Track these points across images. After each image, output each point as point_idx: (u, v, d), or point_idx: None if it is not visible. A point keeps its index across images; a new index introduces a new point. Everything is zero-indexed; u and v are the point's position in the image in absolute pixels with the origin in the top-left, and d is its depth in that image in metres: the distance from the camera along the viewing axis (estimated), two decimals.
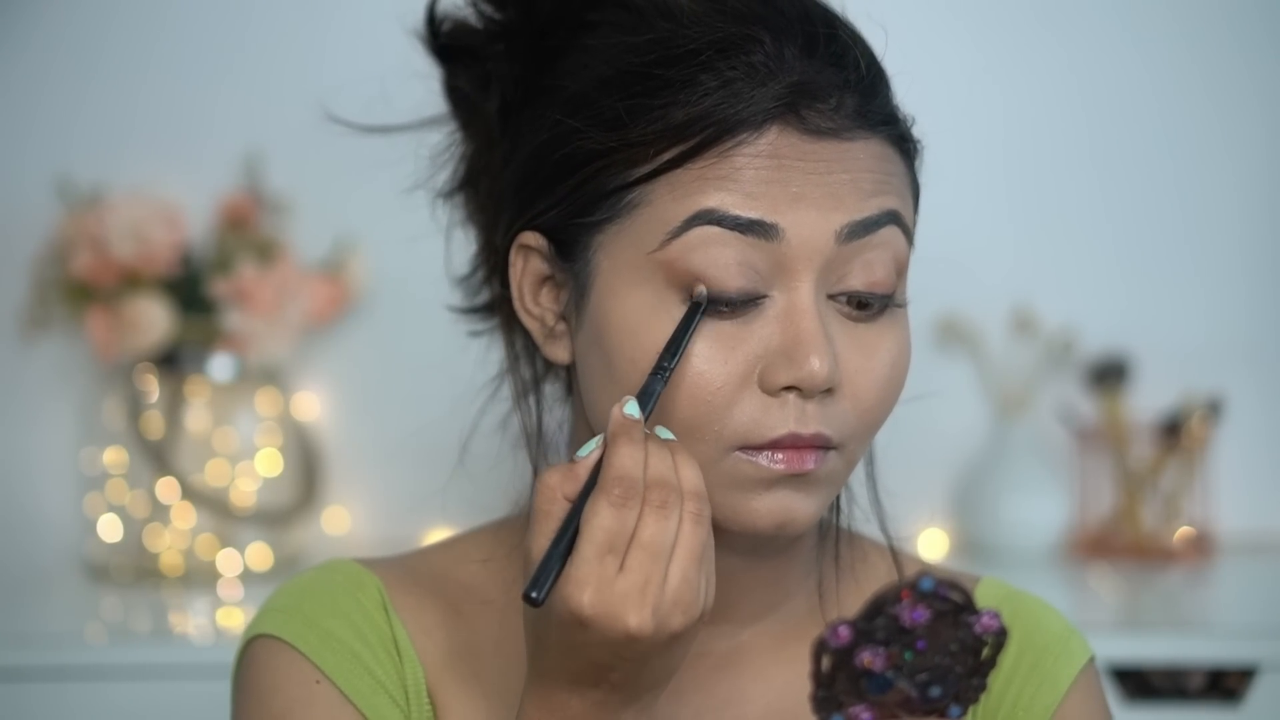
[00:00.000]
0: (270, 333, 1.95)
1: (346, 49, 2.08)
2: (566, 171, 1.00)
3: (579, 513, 0.91)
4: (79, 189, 1.97)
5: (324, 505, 2.07)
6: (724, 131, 0.96)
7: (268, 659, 1.04)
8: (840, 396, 0.97)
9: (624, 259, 0.98)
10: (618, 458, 0.91)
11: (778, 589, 1.07)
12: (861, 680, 0.80)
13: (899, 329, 1.00)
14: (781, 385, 0.96)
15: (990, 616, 0.81)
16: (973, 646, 0.81)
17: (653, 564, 0.90)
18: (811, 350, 0.95)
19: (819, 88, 0.97)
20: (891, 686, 0.80)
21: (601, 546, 0.89)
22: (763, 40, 0.97)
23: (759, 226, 0.96)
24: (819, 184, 0.96)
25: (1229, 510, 2.15)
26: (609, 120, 0.98)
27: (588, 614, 0.89)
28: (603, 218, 0.99)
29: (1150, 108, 2.18)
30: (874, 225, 0.97)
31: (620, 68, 0.99)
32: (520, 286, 1.04)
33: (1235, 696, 1.70)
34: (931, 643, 0.80)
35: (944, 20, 2.15)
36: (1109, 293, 2.18)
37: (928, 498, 2.12)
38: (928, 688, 0.80)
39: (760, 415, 0.96)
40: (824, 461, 0.97)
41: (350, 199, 2.04)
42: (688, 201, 0.96)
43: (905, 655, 0.80)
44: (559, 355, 1.04)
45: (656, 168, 0.97)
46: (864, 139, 0.98)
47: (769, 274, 0.96)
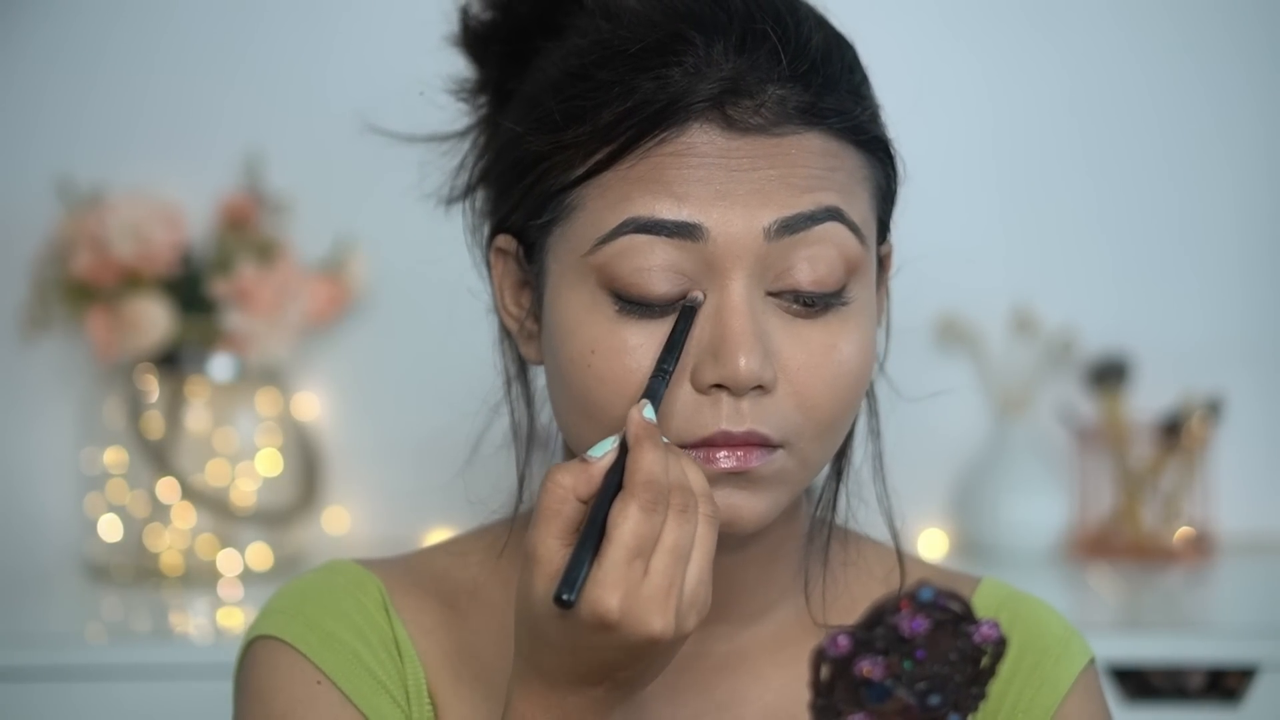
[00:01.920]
0: (270, 333, 1.95)
1: (347, 49, 2.08)
2: (519, 174, 1.01)
3: (603, 514, 0.91)
4: (79, 189, 1.97)
5: (324, 505, 2.07)
6: (647, 129, 0.96)
7: (269, 660, 1.04)
8: (780, 394, 0.97)
9: (565, 261, 0.99)
10: (645, 462, 0.91)
11: (771, 589, 1.07)
12: (860, 689, 0.80)
13: (853, 326, 0.99)
14: (710, 383, 0.96)
15: (989, 626, 0.81)
16: (972, 655, 0.81)
17: (676, 567, 0.90)
18: (738, 348, 0.95)
19: (749, 85, 0.97)
20: (890, 695, 0.80)
21: (631, 551, 0.89)
22: (694, 40, 0.97)
23: (684, 228, 0.96)
24: (744, 181, 0.96)
25: (1229, 510, 2.15)
26: (548, 123, 0.99)
27: (616, 618, 0.89)
28: (548, 219, 1.00)
29: (1150, 108, 2.18)
30: (808, 221, 0.97)
31: (563, 70, 1.01)
32: (501, 289, 1.06)
33: (1235, 696, 1.70)
34: (931, 652, 0.80)
35: (944, 21, 2.15)
36: (1109, 293, 2.18)
37: (928, 498, 2.12)
38: (927, 696, 0.80)
39: (692, 414, 0.97)
40: (769, 460, 0.97)
41: (350, 199, 2.04)
42: (617, 208, 0.97)
43: (904, 664, 0.80)
44: (532, 355, 1.06)
45: (587, 169, 0.98)
46: (799, 134, 0.97)
47: (699, 274, 0.97)
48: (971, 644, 0.81)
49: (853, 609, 1.08)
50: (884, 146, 1.02)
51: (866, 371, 1.00)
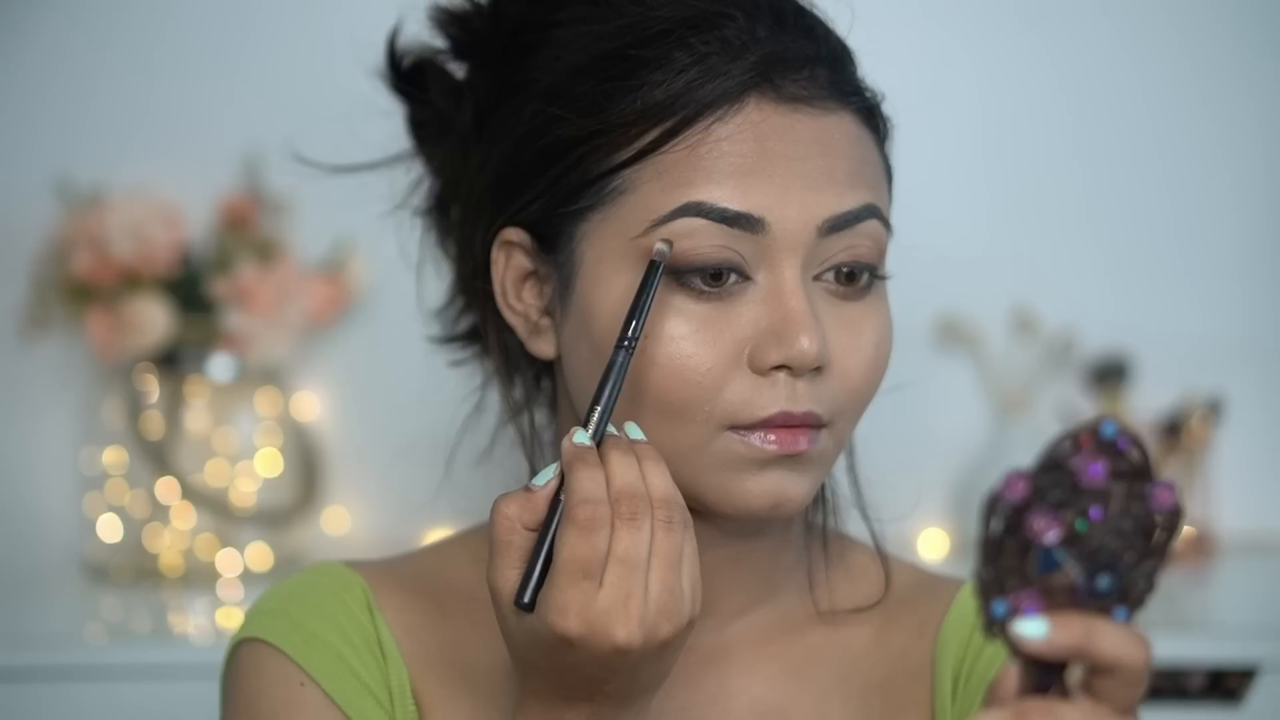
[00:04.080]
0: (270, 333, 1.95)
1: (347, 49, 2.08)
2: (547, 161, 1.01)
3: (547, 539, 0.92)
4: (79, 189, 1.97)
5: (324, 505, 2.07)
6: (703, 106, 0.97)
7: (254, 662, 1.04)
8: (829, 375, 0.98)
9: (609, 246, 0.99)
10: (577, 482, 0.92)
11: (765, 583, 1.07)
12: (1029, 554, 0.75)
13: (883, 308, 1.02)
14: (772, 364, 0.97)
15: (1168, 490, 0.76)
16: (1145, 526, 0.76)
17: (631, 576, 0.90)
18: (801, 329, 0.96)
19: (792, 57, 0.99)
20: (1059, 567, 0.75)
21: (576, 574, 0.90)
22: (734, 16, 0.99)
23: (744, 220, 0.97)
24: (800, 175, 0.97)
25: (1229, 510, 2.15)
26: (587, 105, 0.99)
27: (575, 634, 0.89)
28: (585, 205, 1.00)
29: (1150, 108, 2.18)
30: (854, 219, 0.99)
31: (594, 54, 1.00)
32: (503, 283, 1.05)
33: (1235, 696, 1.70)
34: (1106, 511, 0.75)
35: (945, 20, 2.15)
36: (1109, 293, 2.17)
37: (928, 497, 2.11)
38: (1095, 577, 0.75)
39: (751, 395, 0.97)
40: (816, 441, 0.98)
41: (350, 199, 2.03)
42: (675, 192, 0.97)
43: (1078, 525, 0.75)
44: (544, 350, 1.05)
45: (639, 150, 0.98)
46: (837, 112, 1.00)
47: (753, 259, 0.98)
48: (1146, 509, 0.76)
49: (854, 594, 1.09)
50: (888, 133, 1.04)
51: (891, 352, 1.02)
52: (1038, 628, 0.74)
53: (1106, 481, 0.75)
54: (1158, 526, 0.76)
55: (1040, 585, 0.75)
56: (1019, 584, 0.75)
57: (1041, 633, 0.74)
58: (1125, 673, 0.74)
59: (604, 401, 0.95)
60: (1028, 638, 0.74)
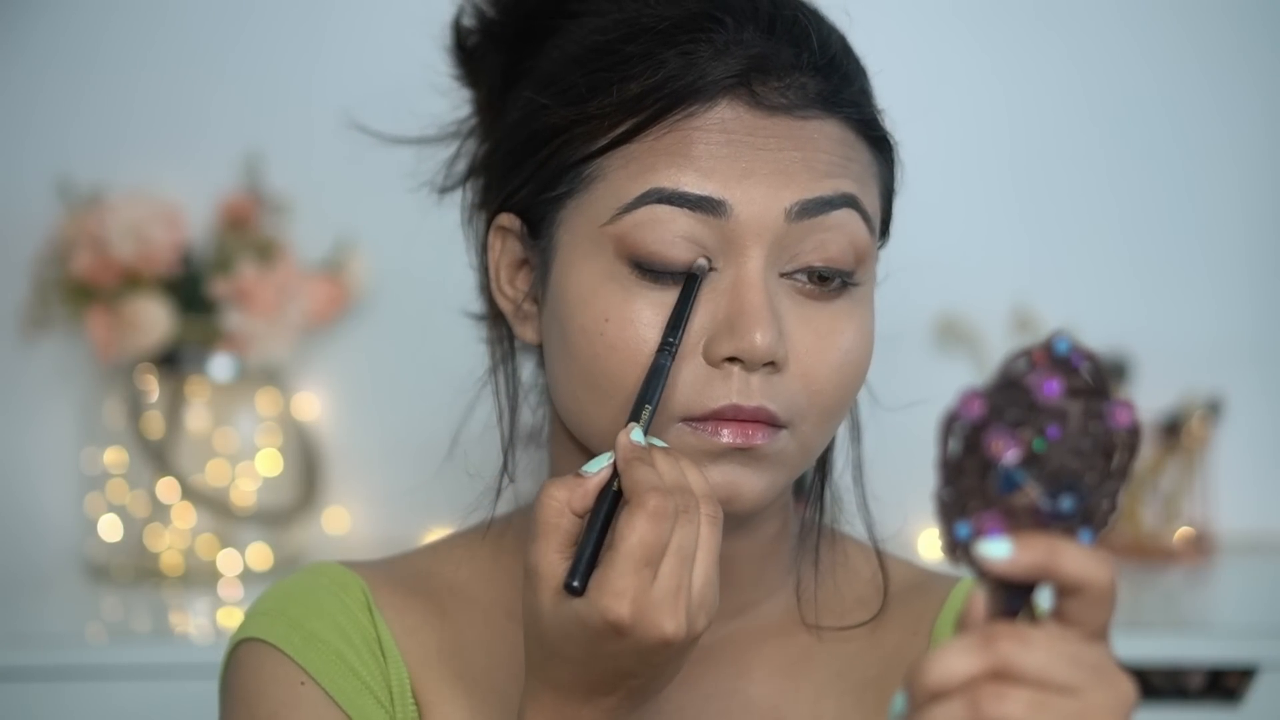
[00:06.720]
0: (270, 333, 1.95)
1: (347, 49, 2.08)
2: (534, 147, 1.02)
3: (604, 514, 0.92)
4: (79, 189, 1.97)
5: (324, 505, 2.07)
6: (675, 102, 0.97)
7: (253, 662, 1.05)
8: (789, 375, 0.98)
9: (580, 232, 1.00)
10: (641, 473, 0.92)
11: (760, 585, 1.07)
12: (989, 475, 0.75)
13: (858, 314, 1.00)
14: (724, 356, 0.97)
15: (1125, 408, 0.75)
16: (1104, 445, 0.75)
17: (683, 568, 0.91)
18: (754, 322, 0.96)
19: (775, 65, 0.99)
20: (1020, 488, 0.75)
21: (640, 560, 0.90)
22: (724, 20, 0.99)
23: (707, 203, 0.97)
24: (769, 160, 0.97)
25: (1229, 510, 2.15)
26: (571, 95, 1.00)
27: (628, 622, 0.89)
28: (563, 192, 1.00)
29: (1152, 108, 2.18)
30: (827, 205, 0.98)
31: (587, 46, 1.02)
32: (497, 268, 1.06)
33: (1235, 696, 1.70)
34: (1064, 430, 0.74)
35: (946, 20, 2.15)
36: (1109, 293, 2.17)
37: (928, 498, 2.11)
38: (1058, 498, 0.75)
39: (702, 386, 0.97)
40: (773, 439, 0.98)
41: (350, 199, 2.04)
42: (640, 178, 0.98)
43: (1036, 444, 0.75)
44: (528, 335, 1.06)
45: (611, 140, 0.98)
46: (819, 120, 0.99)
47: (717, 249, 0.98)
48: (1105, 429, 0.75)
49: (842, 610, 1.09)
50: (890, 147, 1.03)
51: (867, 360, 1.01)
52: (1001, 548, 0.74)
53: (1063, 399, 0.75)
54: (1118, 447, 0.75)
55: (1002, 506, 0.75)
56: (981, 505, 0.75)
57: (1005, 553, 0.74)
58: (1091, 593, 0.75)
59: (654, 399, 0.95)
60: (992, 558, 0.74)
